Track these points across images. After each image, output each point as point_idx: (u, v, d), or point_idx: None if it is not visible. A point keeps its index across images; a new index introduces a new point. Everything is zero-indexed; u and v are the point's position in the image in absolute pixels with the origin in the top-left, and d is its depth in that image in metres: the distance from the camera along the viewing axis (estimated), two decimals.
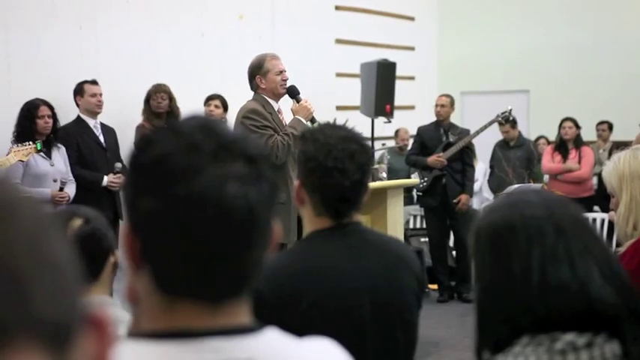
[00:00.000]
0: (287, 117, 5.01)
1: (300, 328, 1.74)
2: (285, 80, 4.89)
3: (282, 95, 4.92)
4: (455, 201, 7.39)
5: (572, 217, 1.46)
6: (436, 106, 7.63)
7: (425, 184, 7.46)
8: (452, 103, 7.65)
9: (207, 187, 0.96)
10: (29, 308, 0.54)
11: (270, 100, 4.86)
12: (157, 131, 1.06)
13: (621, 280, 1.41)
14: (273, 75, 4.85)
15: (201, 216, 0.96)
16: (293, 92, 4.93)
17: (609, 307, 1.36)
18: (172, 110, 6.51)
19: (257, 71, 4.88)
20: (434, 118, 7.70)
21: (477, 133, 7.55)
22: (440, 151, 7.44)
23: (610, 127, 9.39)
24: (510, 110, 7.94)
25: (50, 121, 5.62)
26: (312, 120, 4.89)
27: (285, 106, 5.06)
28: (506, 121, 8.24)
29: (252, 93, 4.98)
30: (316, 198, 1.99)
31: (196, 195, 0.96)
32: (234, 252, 0.99)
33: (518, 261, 1.40)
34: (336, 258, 2.00)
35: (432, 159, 7.41)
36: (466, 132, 7.60)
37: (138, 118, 6.60)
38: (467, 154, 7.55)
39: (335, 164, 1.94)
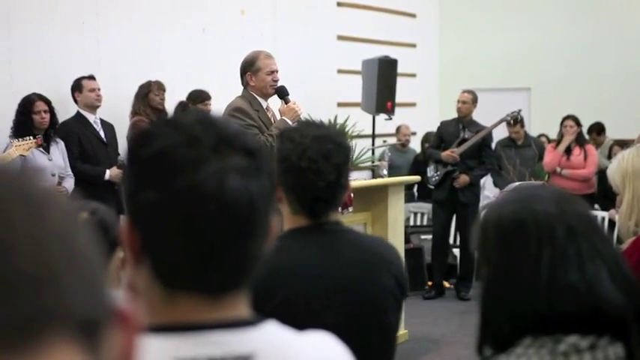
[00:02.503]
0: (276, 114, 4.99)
1: None
2: (276, 81, 4.85)
3: (270, 95, 4.89)
4: (454, 176, 7.40)
5: (581, 216, 1.43)
6: (457, 102, 7.61)
7: (437, 177, 7.48)
8: (474, 100, 7.61)
9: (208, 179, 0.97)
10: (64, 301, 0.53)
11: (258, 98, 4.83)
12: (156, 125, 1.07)
13: (629, 282, 1.39)
14: (264, 74, 4.81)
15: (202, 208, 0.97)
16: (282, 93, 4.89)
17: (617, 310, 1.34)
18: (164, 109, 6.51)
19: (248, 68, 4.85)
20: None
21: (486, 131, 7.53)
22: (455, 147, 7.46)
23: (602, 129, 9.31)
24: (520, 111, 7.95)
25: (47, 116, 5.62)
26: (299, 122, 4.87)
27: (274, 105, 5.03)
28: (515, 121, 8.24)
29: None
30: (292, 197, 1.96)
31: (197, 188, 0.96)
32: (235, 244, 1.00)
33: (527, 260, 1.38)
34: (309, 257, 1.96)
35: (445, 154, 7.43)
36: (481, 129, 7.59)
37: None
38: (486, 152, 7.55)
39: (309, 165, 1.90)
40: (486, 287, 1.45)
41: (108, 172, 5.94)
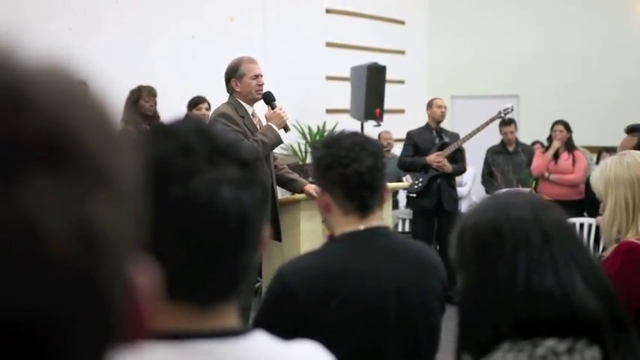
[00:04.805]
0: (262, 120, 4.99)
1: (329, 326, 1.85)
2: (261, 85, 4.86)
3: (256, 100, 4.88)
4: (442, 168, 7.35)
5: (557, 223, 1.46)
6: (440, 107, 7.47)
7: (420, 185, 7.37)
8: None
9: (202, 189, 0.97)
10: None
11: (244, 104, 4.83)
12: (150, 132, 1.08)
13: (604, 288, 1.42)
14: (249, 79, 4.82)
15: (194, 218, 0.97)
16: (268, 98, 4.90)
17: (591, 315, 1.37)
18: (155, 115, 6.47)
19: (233, 74, 4.86)
20: (424, 122, 7.68)
21: (476, 131, 7.51)
22: (435, 152, 7.37)
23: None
24: (512, 107, 7.86)
25: None
26: (286, 128, 4.88)
27: (261, 112, 5.04)
28: (510, 120, 8.22)
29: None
30: (338, 194, 2.04)
31: (191, 197, 0.97)
32: (226, 255, 1.00)
33: (503, 266, 1.40)
34: (364, 259, 2.04)
35: (431, 157, 7.29)
36: (456, 135, 7.60)
37: None
38: (458, 155, 7.54)
39: (347, 154, 2.02)
40: (464, 293, 1.48)
41: None
